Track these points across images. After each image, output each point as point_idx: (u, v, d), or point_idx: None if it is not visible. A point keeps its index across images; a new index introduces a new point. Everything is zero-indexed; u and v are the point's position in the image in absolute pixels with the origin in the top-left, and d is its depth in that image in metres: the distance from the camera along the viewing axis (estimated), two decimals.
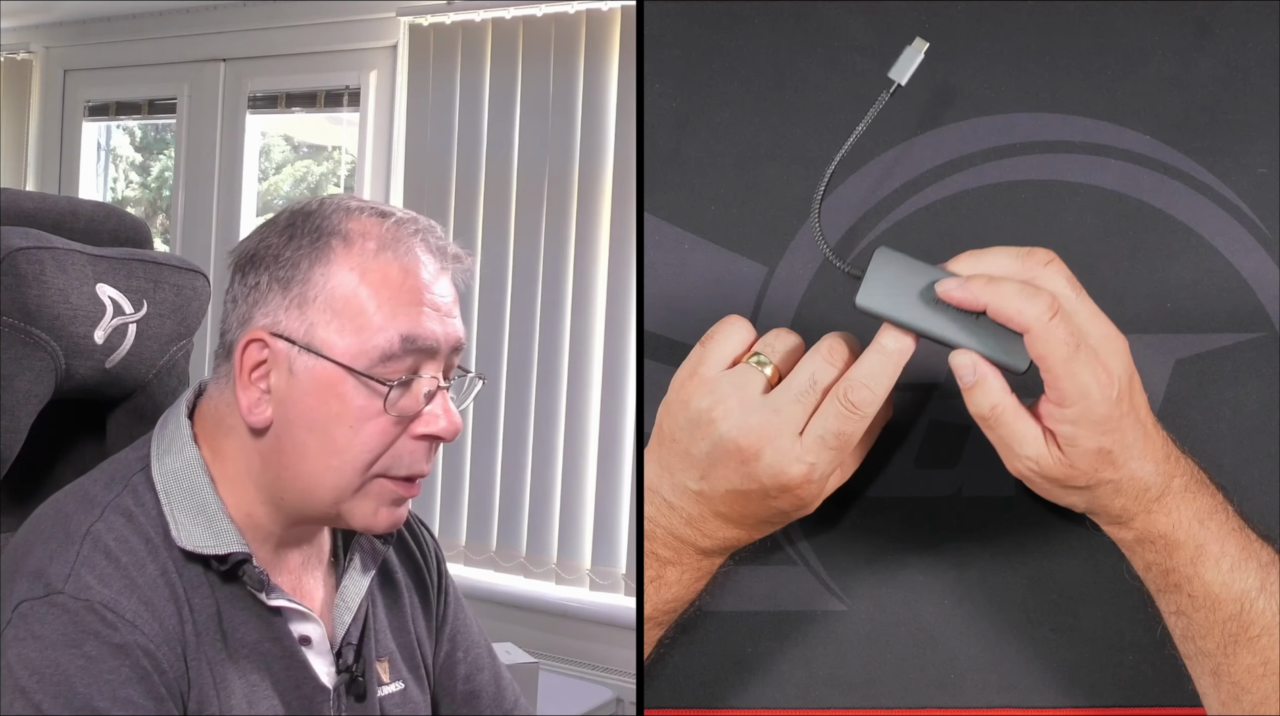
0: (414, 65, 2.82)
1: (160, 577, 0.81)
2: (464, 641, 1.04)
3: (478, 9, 2.73)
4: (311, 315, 0.82)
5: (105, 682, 0.75)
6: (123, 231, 1.06)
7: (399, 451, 0.84)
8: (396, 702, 0.94)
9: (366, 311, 0.81)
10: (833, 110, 0.99)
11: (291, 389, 0.82)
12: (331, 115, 3.21)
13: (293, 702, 0.86)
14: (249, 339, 0.83)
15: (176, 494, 0.84)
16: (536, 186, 2.66)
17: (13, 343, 0.91)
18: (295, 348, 0.82)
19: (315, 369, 0.82)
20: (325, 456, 0.83)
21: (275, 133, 3.49)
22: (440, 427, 0.84)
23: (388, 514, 0.85)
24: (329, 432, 0.82)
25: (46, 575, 0.77)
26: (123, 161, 3.79)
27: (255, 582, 0.83)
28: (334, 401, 0.82)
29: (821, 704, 0.94)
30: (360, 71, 2.96)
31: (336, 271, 0.82)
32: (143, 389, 1.02)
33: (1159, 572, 0.84)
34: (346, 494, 0.84)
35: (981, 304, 0.81)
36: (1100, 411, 0.79)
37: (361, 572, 0.93)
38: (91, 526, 0.80)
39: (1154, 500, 0.83)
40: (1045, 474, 0.82)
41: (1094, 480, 0.82)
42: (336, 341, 0.81)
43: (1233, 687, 0.82)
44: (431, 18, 2.79)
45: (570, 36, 2.62)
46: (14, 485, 0.99)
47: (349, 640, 0.90)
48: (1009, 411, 0.82)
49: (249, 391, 0.83)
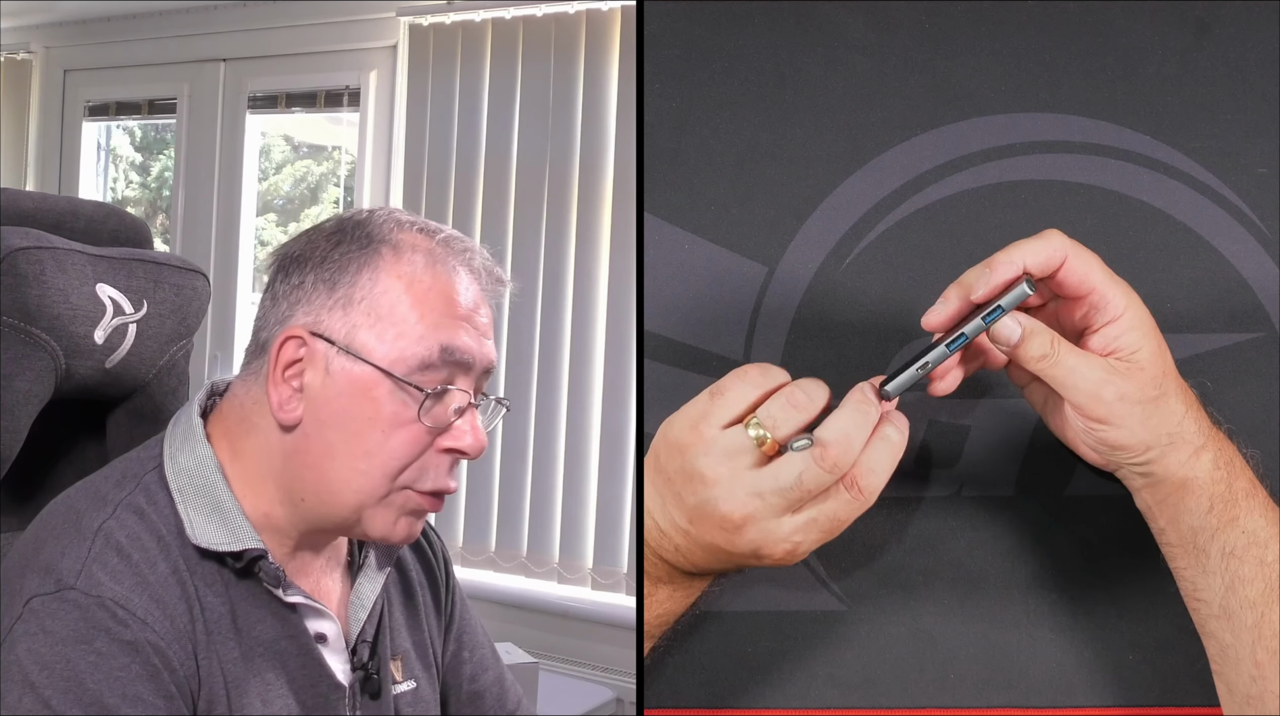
0: (414, 65, 2.83)
1: (172, 575, 0.81)
2: (470, 641, 1.04)
3: (478, 9, 2.73)
4: (354, 318, 0.83)
5: (115, 679, 0.75)
6: (123, 231, 1.06)
7: (425, 463, 0.84)
8: (409, 701, 0.94)
9: (409, 320, 0.83)
10: (833, 110, 0.99)
11: (326, 389, 0.83)
12: (331, 115, 3.22)
13: (308, 700, 0.86)
14: (288, 335, 0.83)
15: (190, 492, 0.84)
16: (536, 186, 2.66)
17: (13, 343, 0.91)
18: (334, 348, 0.83)
19: (352, 371, 0.82)
20: (353, 459, 0.83)
21: (275, 133, 3.50)
22: (467, 443, 0.85)
23: (406, 525, 0.86)
24: (360, 435, 0.83)
25: (58, 570, 0.78)
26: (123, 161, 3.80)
27: (271, 578, 0.84)
28: (368, 404, 0.82)
29: (821, 704, 0.94)
30: (360, 71, 2.96)
31: (383, 278, 0.83)
32: (143, 389, 1.02)
33: (1205, 511, 0.84)
34: (371, 500, 0.84)
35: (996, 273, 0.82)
36: (1145, 312, 0.83)
37: (377, 570, 0.93)
38: (104, 523, 0.80)
39: (1189, 442, 0.84)
40: (1118, 392, 0.82)
41: (1164, 388, 0.83)
42: (376, 346, 0.82)
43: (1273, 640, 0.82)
44: (431, 18, 2.79)
45: (570, 36, 2.62)
46: (14, 485, 0.99)
47: (364, 638, 0.91)
48: (1064, 345, 0.83)
49: (281, 388, 0.84)
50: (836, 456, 0.80)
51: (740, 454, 0.82)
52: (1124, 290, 0.83)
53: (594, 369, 2.60)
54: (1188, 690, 0.91)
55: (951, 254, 0.93)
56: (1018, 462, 0.95)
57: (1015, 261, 0.82)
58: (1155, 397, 0.83)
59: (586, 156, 2.61)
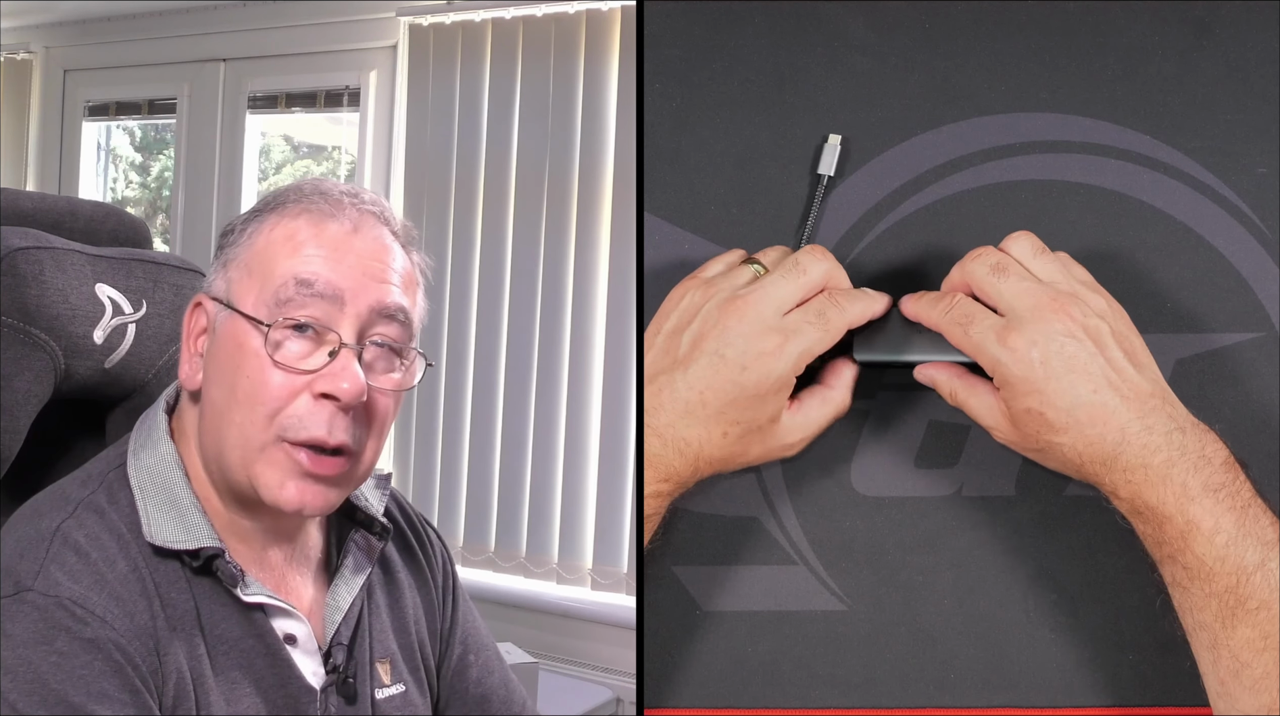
0: (414, 65, 2.82)
1: (131, 573, 0.80)
2: (475, 644, 1.03)
3: (478, 9, 2.73)
4: (232, 273, 0.84)
5: (79, 678, 0.74)
6: (122, 231, 1.06)
7: (299, 411, 0.81)
8: (397, 705, 0.93)
9: (274, 262, 0.82)
10: (833, 110, 0.99)
11: (214, 347, 0.84)
12: (331, 115, 3.21)
13: (277, 701, 0.85)
14: (193, 304, 0.85)
15: (150, 489, 0.84)
16: (536, 186, 2.66)
17: (12, 343, 0.91)
18: (219, 306, 0.84)
19: (229, 324, 0.83)
20: (230, 411, 0.82)
21: (275, 133, 3.50)
22: (338, 388, 0.80)
23: (295, 489, 0.81)
24: (234, 386, 0.81)
25: (16, 573, 0.77)
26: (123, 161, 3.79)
27: (228, 577, 0.82)
28: (238, 352, 0.82)
29: (821, 704, 0.94)
30: (360, 71, 2.96)
31: (263, 233, 0.84)
32: (142, 389, 1.02)
33: (1154, 543, 0.85)
34: (252, 453, 0.81)
35: (912, 314, 0.91)
36: (1015, 373, 0.84)
37: (353, 573, 0.92)
38: (62, 524, 0.80)
39: (1135, 471, 0.83)
40: (1005, 438, 0.89)
41: (1041, 442, 0.86)
42: (246, 295, 0.82)
43: (1232, 661, 0.81)
44: (431, 18, 2.79)
45: (570, 36, 2.62)
46: (14, 485, 0.99)
47: (339, 640, 0.89)
48: (961, 392, 0.90)
49: (190, 357, 0.85)
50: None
51: (739, 276, 0.91)
52: (992, 353, 0.85)
53: (593, 369, 2.59)
54: (1187, 690, 0.91)
55: (951, 254, 0.93)
56: (1018, 462, 0.95)
57: (911, 313, 0.91)
58: (1037, 448, 0.87)
59: (586, 156, 2.61)
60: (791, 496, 0.96)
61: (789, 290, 0.88)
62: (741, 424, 0.87)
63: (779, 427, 0.89)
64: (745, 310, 0.87)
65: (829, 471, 0.96)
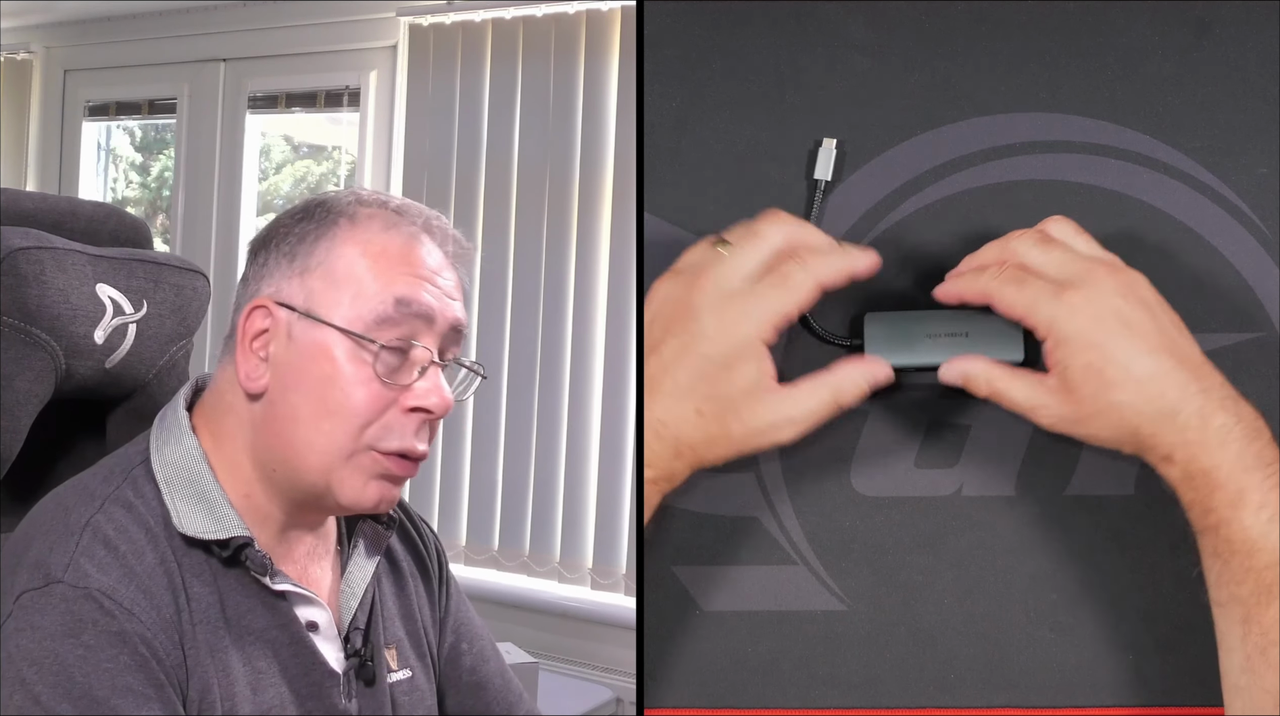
0: (414, 65, 2.82)
1: (159, 566, 0.81)
2: (468, 633, 1.04)
3: (478, 9, 2.73)
4: (312, 283, 0.85)
5: (104, 671, 0.75)
6: (123, 231, 1.06)
7: (389, 422, 0.84)
8: (405, 690, 0.94)
9: (365, 279, 0.84)
10: (832, 110, 0.99)
11: (289, 354, 0.84)
12: (331, 115, 3.21)
13: (302, 689, 0.86)
14: (253, 306, 0.85)
15: (177, 483, 0.85)
16: (537, 186, 2.66)
17: (13, 342, 0.92)
18: (295, 314, 0.84)
19: (313, 334, 0.84)
20: (317, 420, 0.84)
21: (275, 133, 3.49)
22: (431, 402, 0.85)
23: (378, 488, 0.86)
24: (322, 395, 0.83)
25: (46, 565, 0.78)
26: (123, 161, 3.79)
27: (258, 566, 0.84)
28: (328, 364, 0.83)
29: (821, 704, 0.94)
30: (360, 71, 2.96)
31: (339, 245, 0.85)
32: (142, 389, 1.02)
33: (1200, 511, 0.84)
34: (337, 461, 0.84)
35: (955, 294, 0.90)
36: (1073, 327, 0.84)
37: (366, 557, 0.94)
38: (91, 517, 0.81)
39: (1192, 431, 0.83)
40: (1056, 412, 0.86)
41: (1100, 403, 0.84)
42: (334, 308, 0.84)
43: (1261, 638, 0.81)
44: (431, 18, 2.79)
45: (570, 36, 2.62)
46: (14, 485, 1.00)
47: (356, 625, 0.91)
48: (1000, 378, 0.88)
49: (249, 358, 0.85)
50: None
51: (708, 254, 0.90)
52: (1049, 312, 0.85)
53: (594, 368, 2.60)
54: (1188, 690, 0.91)
55: (952, 254, 0.93)
56: (1018, 462, 0.95)
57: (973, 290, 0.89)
58: (1092, 412, 0.85)
59: (586, 156, 2.61)
60: (791, 496, 0.96)
61: (749, 258, 0.87)
62: (713, 400, 0.86)
63: (760, 406, 0.86)
64: (706, 284, 0.87)
65: (829, 471, 0.96)
